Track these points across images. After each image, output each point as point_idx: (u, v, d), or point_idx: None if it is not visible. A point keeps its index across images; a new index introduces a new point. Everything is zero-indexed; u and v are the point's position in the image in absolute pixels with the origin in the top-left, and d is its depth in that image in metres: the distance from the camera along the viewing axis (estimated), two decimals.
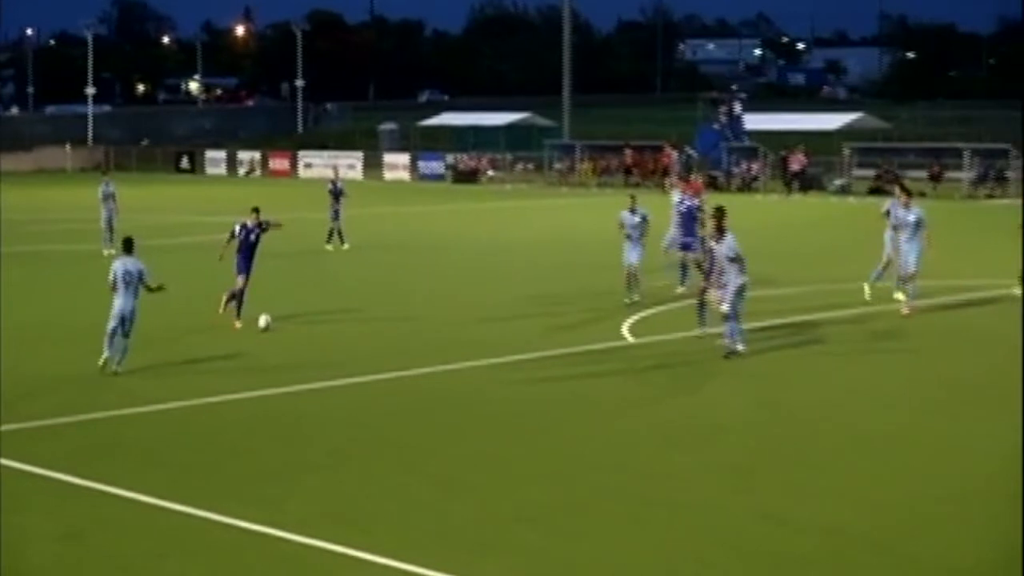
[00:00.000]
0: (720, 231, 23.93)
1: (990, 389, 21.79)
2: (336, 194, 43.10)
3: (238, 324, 26.69)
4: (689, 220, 30.57)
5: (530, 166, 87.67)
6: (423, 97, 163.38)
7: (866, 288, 30.42)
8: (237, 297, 27.04)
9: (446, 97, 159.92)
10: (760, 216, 53.07)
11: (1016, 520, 14.47)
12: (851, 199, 67.12)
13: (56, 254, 41.39)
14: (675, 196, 32.31)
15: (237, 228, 27.36)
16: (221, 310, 27.13)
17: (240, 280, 27.01)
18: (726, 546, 13.90)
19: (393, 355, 24.30)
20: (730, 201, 37.87)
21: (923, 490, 15.97)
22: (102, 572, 13.44)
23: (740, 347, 23.79)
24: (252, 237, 27.32)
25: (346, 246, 41.73)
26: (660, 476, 16.54)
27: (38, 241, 44.59)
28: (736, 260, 23.70)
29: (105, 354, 22.32)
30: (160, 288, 22.87)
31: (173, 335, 26.05)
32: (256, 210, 27.79)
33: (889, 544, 14.02)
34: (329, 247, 41.82)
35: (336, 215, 42.77)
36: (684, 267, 30.85)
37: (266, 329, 26.23)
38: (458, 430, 19.03)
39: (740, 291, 23.84)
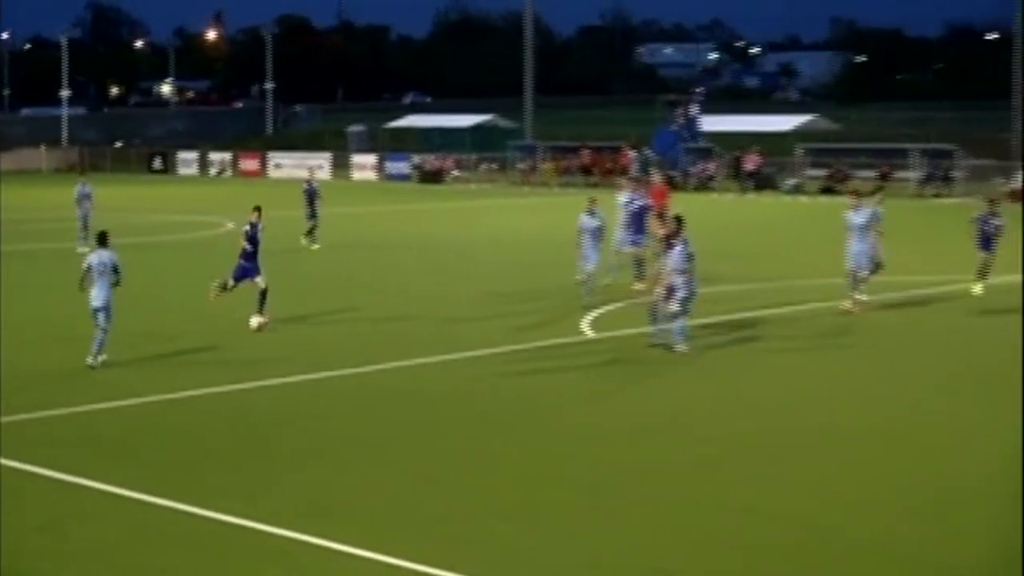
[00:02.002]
0: (670, 242, 23.93)
1: (946, 383, 21.95)
2: (311, 194, 43.17)
3: (259, 321, 26.19)
4: (638, 219, 30.65)
5: (494, 166, 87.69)
6: (407, 99, 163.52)
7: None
8: (260, 296, 26.36)
9: (428, 99, 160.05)
10: (715, 215, 53.25)
11: (999, 514, 14.69)
12: (803, 198, 67.49)
13: (34, 252, 41.23)
14: (624, 196, 32.18)
15: (248, 228, 26.74)
16: (212, 297, 26.88)
17: (259, 280, 26.40)
18: (699, 537, 13.96)
19: (365, 351, 24.32)
20: (687, 200, 38.23)
21: (890, 482, 16.07)
22: (84, 563, 13.43)
23: (682, 347, 23.65)
24: (257, 235, 26.74)
25: (316, 246, 41.72)
26: (630, 469, 16.57)
27: (16, 240, 44.37)
28: (685, 272, 23.74)
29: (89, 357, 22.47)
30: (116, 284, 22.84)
31: (152, 330, 26.01)
32: (258, 209, 27.27)
33: (858, 535, 14.13)
34: (307, 243, 41.70)
35: (312, 215, 42.82)
36: (639, 263, 30.88)
37: (258, 330, 26.06)
38: (430, 424, 19.05)
39: (687, 300, 23.88)
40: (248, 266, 26.59)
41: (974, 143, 76.50)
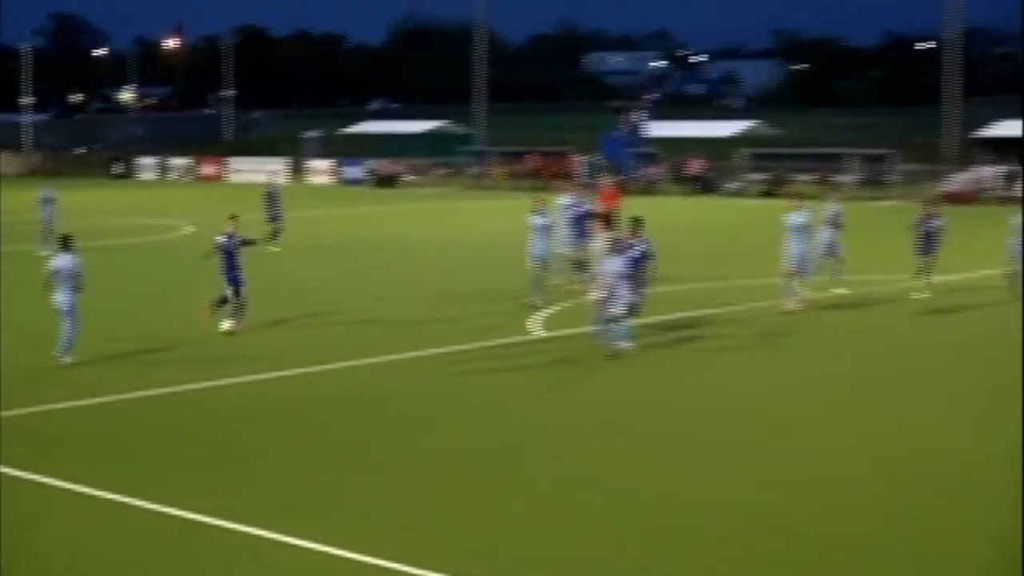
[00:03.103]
0: (615, 246, 24.02)
1: (885, 378, 22.14)
2: (272, 198, 43.20)
3: (231, 325, 25.93)
4: (580, 223, 30.73)
5: (446, 171, 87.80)
6: (374, 105, 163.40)
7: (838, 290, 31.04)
8: (234, 304, 25.97)
9: (395, 105, 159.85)
10: (659, 217, 53.26)
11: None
12: (745, 201, 67.89)
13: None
14: (567, 200, 32.10)
15: (224, 240, 26.15)
16: (207, 317, 26.21)
17: (229, 292, 26.05)
18: (658, 529, 14.00)
19: (324, 350, 24.36)
20: (632, 203, 38.36)
21: (836, 471, 16.24)
22: (51, 562, 13.30)
23: (625, 346, 23.65)
24: (231, 243, 26.24)
25: (276, 248, 41.64)
26: (586, 463, 16.62)
27: None
28: (630, 276, 23.81)
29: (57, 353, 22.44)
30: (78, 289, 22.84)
31: (117, 330, 25.95)
32: (234, 217, 26.88)
33: (792, 520, 14.30)
34: (267, 244, 41.62)
35: (273, 218, 42.80)
36: (579, 265, 30.89)
37: (230, 333, 25.95)
38: (391, 422, 19.07)
39: (634, 303, 23.95)
40: (236, 274, 26.05)
41: (909, 148, 77.18)
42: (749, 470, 16.27)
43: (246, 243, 26.77)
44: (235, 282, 26.03)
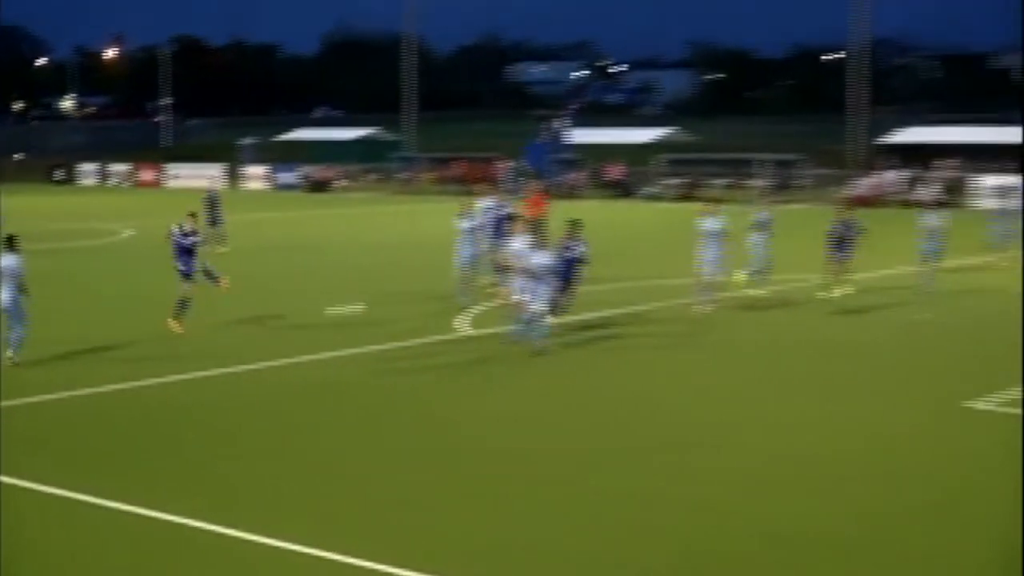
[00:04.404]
0: (535, 246, 24.16)
1: (797, 375, 22.39)
2: (212, 202, 43.13)
3: (177, 327, 25.83)
4: (499, 225, 30.84)
5: (377, 176, 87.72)
6: (318, 112, 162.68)
7: (742, 278, 31.28)
8: (181, 304, 26.03)
9: (340, 113, 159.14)
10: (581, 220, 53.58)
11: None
12: (662, 205, 68.40)
13: None
14: (487, 203, 31.97)
15: (174, 229, 26.33)
16: (175, 323, 25.97)
17: (185, 287, 26.11)
18: (587, 521, 13.97)
19: (266, 347, 24.34)
20: (555, 208, 38.57)
21: (762, 463, 16.40)
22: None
23: (541, 344, 23.61)
24: (186, 242, 26.25)
25: (224, 249, 41.53)
26: (512, 458, 16.61)
27: None
28: (555, 275, 23.89)
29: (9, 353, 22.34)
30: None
31: (63, 330, 25.68)
32: (193, 214, 27.11)
33: (732, 510, 14.43)
34: (222, 248, 41.38)
35: (214, 222, 42.70)
36: (498, 267, 30.92)
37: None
38: (322, 418, 19.02)
39: (557, 302, 24.05)
40: (185, 268, 26.10)
41: (818, 153, 78.09)
42: (679, 463, 16.32)
43: (207, 274, 26.78)
44: (183, 275, 26.18)
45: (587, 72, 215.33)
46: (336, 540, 13.16)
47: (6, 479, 15.41)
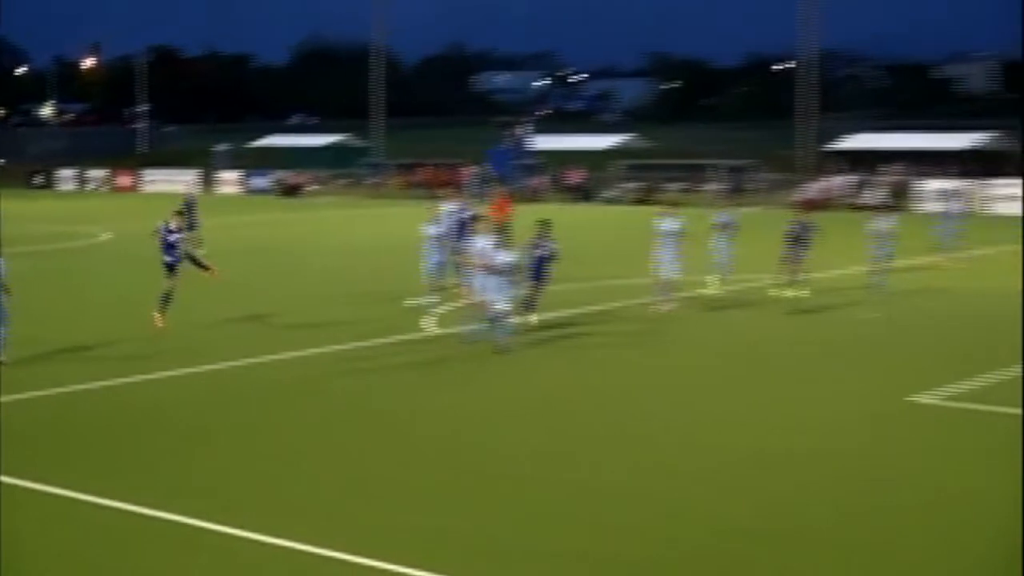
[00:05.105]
0: (505, 241, 24.12)
1: (751, 372, 22.40)
2: (189, 205, 42.91)
3: (160, 320, 25.85)
4: (463, 228, 30.71)
5: (347, 181, 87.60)
6: (294, 119, 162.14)
7: (715, 282, 31.36)
8: (164, 298, 26.11)
9: (316, 120, 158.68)
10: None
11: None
12: (620, 208, 68.51)
13: None
14: (451, 206, 31.60)
15: (160, 225, 26.61)
16: (158, 316, 26.08)
17: (169, 282, 26.23)
18: (545, 513, 13.91)
19: (236, 347, 24.18)
20: (518, 211, 38.59)
21: (717, 457, 16.46)
22: None
23: (506, 342, 23.52)
24: (171, 238, 26.50)
25: (202, 251, 41.32)
26: (471, 452, 16.53)
27: None
28: (509, 272, 23.90)
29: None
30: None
31: (45, 330, 25.44)
32: (180, 213, 27.29)
33: (685, 504, 14.44)
34: (199, 251, 41.15)
35: (191, 226, 42.46)
36: (460, 268, 30.71)
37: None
38: (287, 414, 18.90)
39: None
40: (170, 260, 26.34)
41: (770, 159, 78.40)
42: (637, 458, 16.28)
43: (194, 261, 26.89)
44: (168, 267, 26.23)
45: (548, 81, 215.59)
46: (295, 530, 13.08)
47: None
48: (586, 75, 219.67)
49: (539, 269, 26.58)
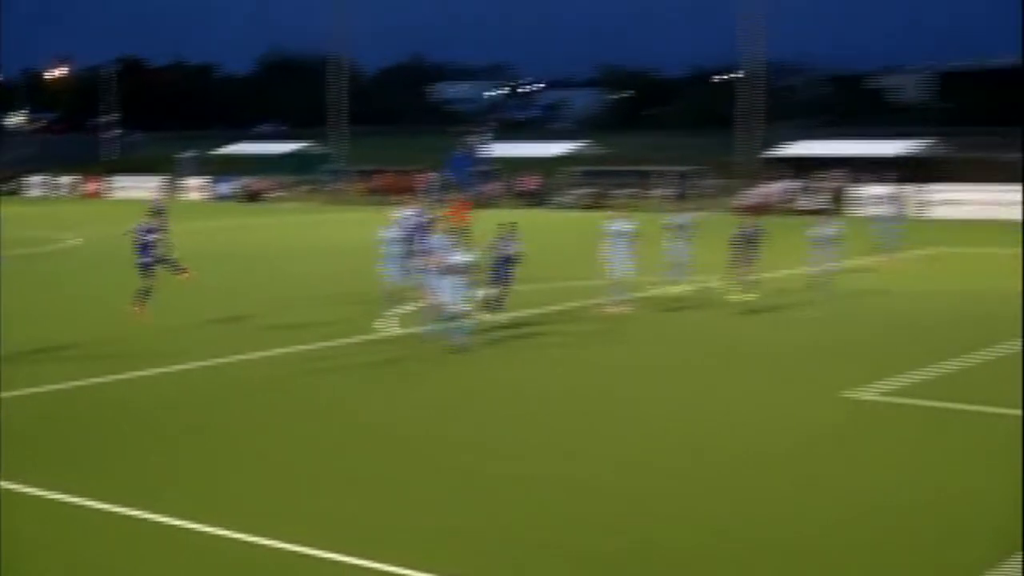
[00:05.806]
0: (459, 242, 24.10)
1: (699, 369, 22.51)
2: (157, 212, 42.56)
3: (139, 311, 26.15)
4: (420, 231, 30.55)
5: (309, 187, 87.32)
6: (262, 128, 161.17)
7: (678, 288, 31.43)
8: (143, 292, 26.43)
9: (285, 127, 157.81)
10: (495, 227, 53.62)
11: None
12: (572, 213, 68.64)
13: None
14: (408, 211, 31.19)
15: (134, 226, 26.91)
16: (137, 309, 26.50)
17: (146, 281, 26.45)
18: (485, 503, 13.93)
19: (209, 346, 24.07)
20: (474, 216, 38.63)
21: (684, 453, 16.47)
22: None
23: (463, 342, 23.54)
24: (148, 238, 26.67)
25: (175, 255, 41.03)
26: (421, 446, 16.50)
27: None
28: (466, 272, 23.88)
29: None
30: None
31: (19, 330, 25.24)
32: (158, 212, 27.27)
33: (640, 498, 14.47)
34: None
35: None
36: (419, 269, 30.56)
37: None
38: (260, 412, 18.85)
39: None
40: (144, 260, 26.56)
41: (715, 165, 78.67)
42: (596, 451, 16.29)
43: (167, 263, 26.90)
44: (143, 267, 26.37)
45: (503, 91, 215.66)
46: (255, 522, 13.03)
47: None
48: (540, 85, 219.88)
49: (502, 269, 26.60)
